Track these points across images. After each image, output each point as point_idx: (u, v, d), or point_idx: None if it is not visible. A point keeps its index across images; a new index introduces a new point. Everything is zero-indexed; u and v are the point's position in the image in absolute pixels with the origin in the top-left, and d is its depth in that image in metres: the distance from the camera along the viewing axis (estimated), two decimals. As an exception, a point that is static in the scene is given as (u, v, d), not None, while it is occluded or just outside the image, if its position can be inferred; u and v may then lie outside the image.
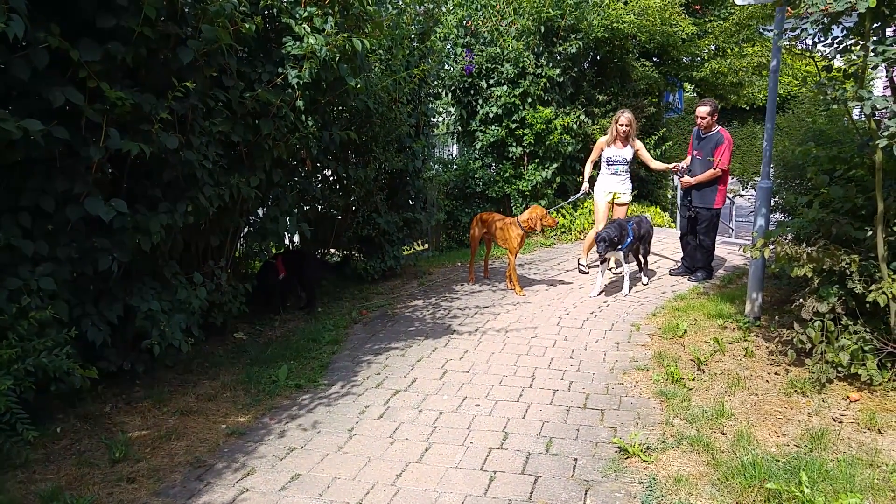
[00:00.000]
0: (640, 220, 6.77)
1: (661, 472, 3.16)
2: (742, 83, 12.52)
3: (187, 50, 3.56)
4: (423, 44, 7.00)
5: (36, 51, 2.92)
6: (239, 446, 3.48)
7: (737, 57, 11.78)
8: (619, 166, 7.08)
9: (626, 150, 7.10)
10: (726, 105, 16.31)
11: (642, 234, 6.73)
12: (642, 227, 6.73)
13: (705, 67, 11.65)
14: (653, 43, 10.81)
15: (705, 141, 6.70)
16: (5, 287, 3.14)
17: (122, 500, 2.95)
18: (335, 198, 6.38)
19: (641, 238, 6.77)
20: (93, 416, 3.73)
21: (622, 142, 7.04)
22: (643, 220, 6.85)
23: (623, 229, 6.36)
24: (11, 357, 3.00)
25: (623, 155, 7.08)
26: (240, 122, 4.32)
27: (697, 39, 11.31)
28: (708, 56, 12.04)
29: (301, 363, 4.68)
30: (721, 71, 11.58)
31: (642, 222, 6.78)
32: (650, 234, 6.99)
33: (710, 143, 6.63)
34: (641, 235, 6.72)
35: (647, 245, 7.08)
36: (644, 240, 6.88)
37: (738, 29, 11.29)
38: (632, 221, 6.62)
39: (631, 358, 4.78)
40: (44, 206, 3.31)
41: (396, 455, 3.39)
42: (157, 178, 3.90)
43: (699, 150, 6.77)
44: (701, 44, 11.47)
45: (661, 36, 10.57)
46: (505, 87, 9.19)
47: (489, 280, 7.31)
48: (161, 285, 4.06)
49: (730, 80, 11.96)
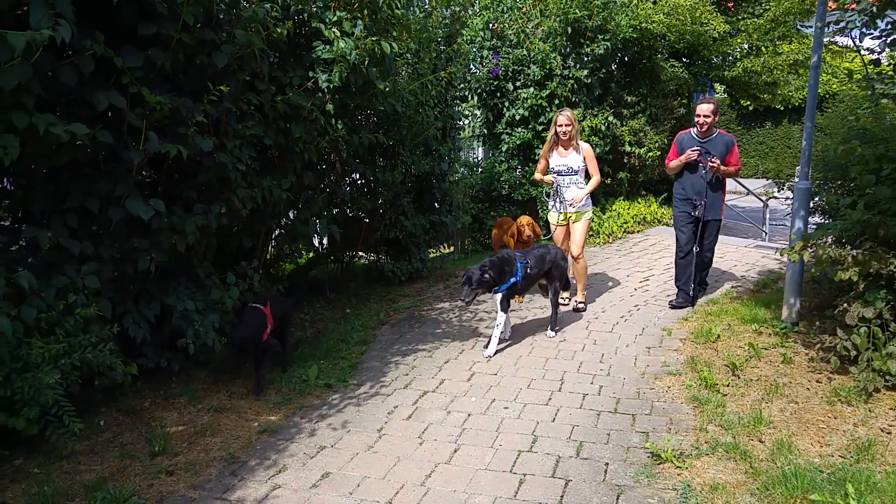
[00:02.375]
0: (545, 253, 5.37)
1: (696, 479, 3.12)
2: (777, 82, 12.18)
3: (222, 55, 3.64)
4: (449, 47, 7.05)
5: (82, 58, 3.02)
6: (271, 444, 3.54)
7: (771, 55, 11.49)
8: (566, 177, 5.90)
9: (572, 157, 5.88)
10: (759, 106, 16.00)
11: (546, 269, 5.33)
12: (547, 262, 5.33)
13: (737, 67, 11.41)
14: (683, 43, 10.65)
15: (710, 143, 5.87)
16: (53, 285, 3.27)
17: (162, 492, 3.04)
18: (363, 200, 6.45)
19: (547, 274, 5.38)
20: (133, 410, 3.84)
21: (564, 146, 5.89)
22: (550, 252, 5.41)
23: (506, 265, 4.97)
24: (59, 352, 3.14)
25: (568, 163, 5.87)
26: (272, 125, 4.40)
27: (730, 38, 11.06)
28: (740, 55, 11.78)
29: (330, 363, 4.74)
30: (754, 70, 11.31)
31: (547, 254, 5.36)
32: (561, 266, 5.46)
33: (716, 146, 5.85)
34: (547, 271, 5.35)
35: (558, 282, 5.46)
36: (552, 276, 5.41)
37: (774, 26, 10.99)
38: (528, 256, 5.21)
39: (662, 362, 4.72)
40: (89, 207, 3.44)
41: (425, 455, 3.41)
42: (192, 181, 4.01)
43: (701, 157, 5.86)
44: (733, 42, 11.22)
45: (691, 35, 10.40)
46: (532, 89, 9.16)
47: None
48: (195, 285, 4.16)
49: (763, 79, 11.66)
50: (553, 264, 5.37)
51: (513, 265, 5.00)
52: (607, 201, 10.53)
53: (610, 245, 9.62)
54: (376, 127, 5.89)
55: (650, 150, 10.24)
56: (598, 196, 10.32)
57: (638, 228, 10.55)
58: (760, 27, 11.00)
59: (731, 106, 19.58)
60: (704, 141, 5.91)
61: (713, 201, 5.95)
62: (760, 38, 11.21)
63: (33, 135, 2.86)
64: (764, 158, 20.62)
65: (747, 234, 10.38)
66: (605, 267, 8.15)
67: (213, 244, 4.30)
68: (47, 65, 2.94)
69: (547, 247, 5.53)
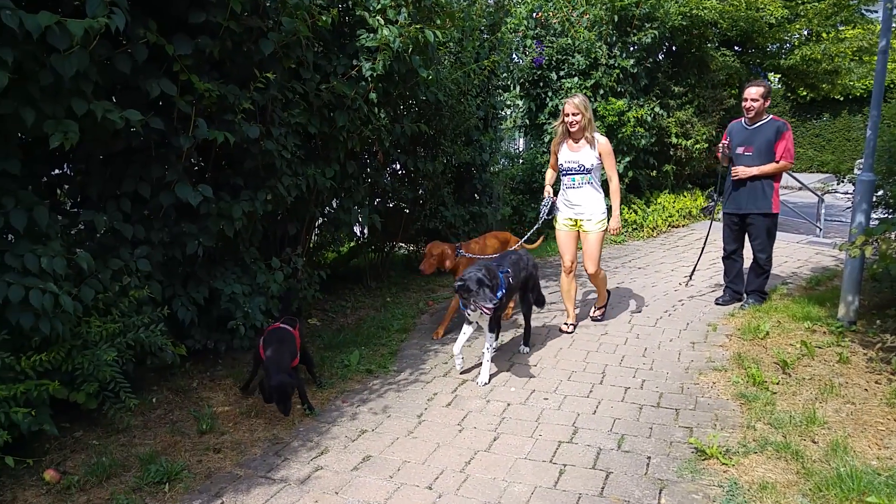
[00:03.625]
0: (519, 259, 4.58)
1: (744, 476, 3.03)
2: (838, 70, 11.62)
3: (269, 42, 3.70)
4: (493, 35, 6.99)
5: (137, 46, 3.11)
6: (313, 426, 3.60)
7: (833, 42, 10.94)
8: (574, 176, 4.96)
9: (584, 153, 4.86)
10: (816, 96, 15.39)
11: (524, 278, 4.58)
12: (521, 269, 4.54)
13: (795, 54, 10.95)
14: (735, 30, 10.30)
15: (756, 132, 5.43)
16: (109, 267, 3.39)
17: (210, 469, 3.13)
18: (403, 191, 6.47)
19: (524, 284, 4.63)
20: (182, 389, 3.97)
21: (575, 139, 4.92)
22: (522, 258, 4.65)
23: (494, 277, 4.08)
24: (115, 331, 3.27)
25: (579, 160, 4.89)
26: (316, 113, 4.45)
27: (787, 24, 10.61)
28: (798, 42, 11.31)
29: (371, 349, 4.79)
30: (814, 58, 10.81)
31: (521, 261, 4.59)
32: (535, 276, 4.75)
33: (765, 133, 5.38)
34: (523, 281, 4.59)
35: (534, 291, 4.78)
36: (528, 286, 4.69)
37: (836, 10, 10.45)
38: (505, 264, 4.37)
39: (707, 358, 4.61)
40: (141, 192, 3.55)
41: (465, 443, 3.41)
42: (238, 167, 4.09)
43: (746, 144, 5.49)
44: (791, 28, 10.75)
45: (745, 22, 10.05)
46: (576, 79, 9.03)
47: (555, 277, 7.21)
48: (242, 270, 4.26)
49: (824, 67, 11.14)
50: (528, 272, 4.61)
51: (496, 279, 4.09)
52: (652, 194, 10.32)
53: (654, 239, 9.44)
54: (418, 116, 5.90)
55: (697, 142, 9.98)
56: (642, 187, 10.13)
57: (683, 223, 10.32)
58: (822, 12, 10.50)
59: (786, 97, 18.88)
60: (752, 128, 5.49)
61: (756, 196, 5.43)
62: (821, 24, 10.71)
63: (91, 121, 2.96)
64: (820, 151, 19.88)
65: (800, 230, 10.01)
66: (649, 261, 8.00)
67: (258, 230, 4.39)
68: (104, 53, 3.04)
69: (518, 253, 4.73)
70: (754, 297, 5.74)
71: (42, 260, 2.90)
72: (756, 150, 5.42)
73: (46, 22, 2.57)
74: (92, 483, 2.96)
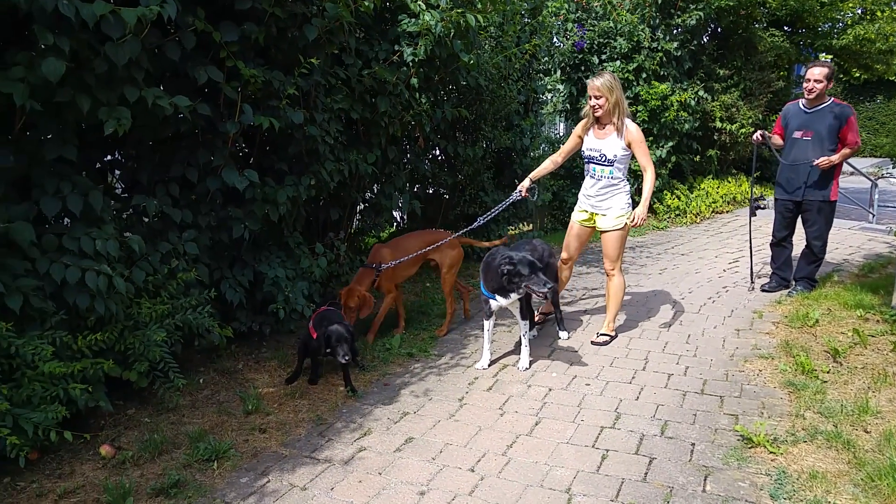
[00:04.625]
0: (533, 250, 4.40)
1: (792, 465, 2.96)
2: (893, 51, 11.12)
3: (312, 28, 3.73)
4: (534, 19, 6.91)
5: (185, 34, 3.17)
6: (356, 408, 3.65)
7: (887, 21, 10.46)
8: (595, 166, 4.41)
9: (610, 142, 4.30)
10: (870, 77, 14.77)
11: (542, 266, 4.17)
12: (537, 258, 4.18)
13: (847, 34, 10.50)
14: (785, 10, 9.94)
15: (816, 116, 5.21)
16: (158, 250, 3.49)
17: (256, 448, 3.21)
18: (443, 176, 6.47)
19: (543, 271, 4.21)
20: (228, 371, 4.07)
21: (601, 126, 4.38)
22: (538, 247, 4.49)
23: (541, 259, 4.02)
24: (164, 313, 3.37)
25: (602, 149, 4.33)
26: (358, 99, 4.48)
27: (839, 2, 10.18)
28: (851, 21, 10.84)
29: (412, 333, 4.83)
30: (867, 37, 10.36)
31: (535, 252, 4.37)
32: (553, 267, 4.55)
33: (826, 117, 5.16)
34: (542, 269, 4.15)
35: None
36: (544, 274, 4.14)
37: (891, -13, 10.06)
38: (522, 251, 4.11)
39: (753, 345, 4.51)
40: (189, 177, 3.64)
41: (506, 426, 3.42)
42: (282, 153, 4.15)
43: (805, 128, 5.25)
44: (844, 7, 10.31)
45: (795, 1, 9.69)
46: (618, 63, 8.85)
47: (597, 263, 7.14)
48: (285, 254, 4.34)
49: (877, 47, 10.67)
50: (544, 262, 4.36)
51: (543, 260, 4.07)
52: (695, 179, 10.10)
53: (697, 225, 9.26)
54: (459, 101, 5.88)
55: (743, 126, 9.69)
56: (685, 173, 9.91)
57: (727, 209, 10.08)
58: (876, -11, 10.08)
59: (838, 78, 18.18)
60: (812, 111, 5.24)
61: (818, 183, 5.24)
62: (875, 2, 10.26)
63: (142, 108, 3.04)
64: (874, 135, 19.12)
65: (852, 216, 9.67)
66: (692, 248, 7.85)
67: (302, 215, 4.45)
68: (154, 41, 3.11)
69: (532, 243, 4.50)
70: (803, 284, 5.58)
71: (97, 243, 3.01)
72: (816, 135, 5.17)
73: (101, 11, 2.64)
74: (145, 459, 3.06)
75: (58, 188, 2.97)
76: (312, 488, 2.85)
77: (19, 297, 2.76)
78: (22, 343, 2.74)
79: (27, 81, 2.60)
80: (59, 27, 2.62)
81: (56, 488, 2.82)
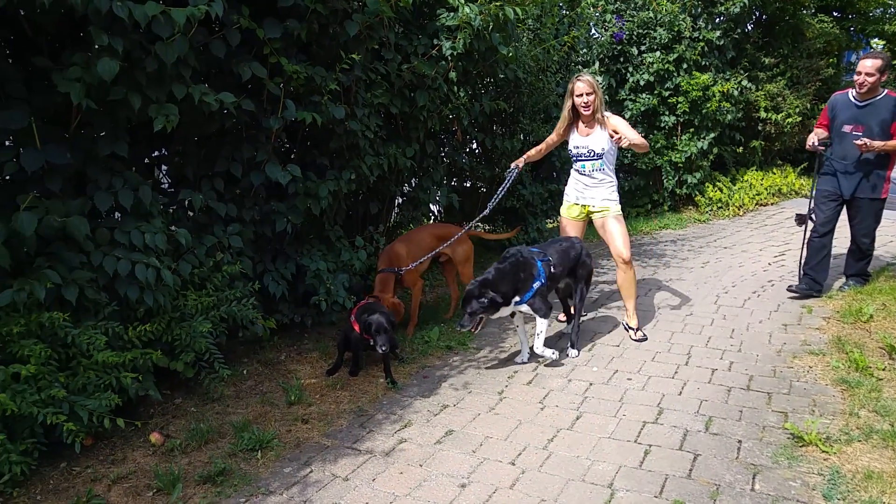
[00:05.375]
0: (569, 248, 4.30)
1: (846, 465, 2.87)
2: (951, 36, 10.67)
3: (353, 23, 3.75)
4: (572, 11, 6.82)
5: (230, 31, 3.23)
6: (396, 400, 3.68)
7: (943, 5, 10.07)
8: (586, 162, 4.49)
9: (596, 136, 4.39)
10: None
11: (571, 267, 4.30)
12: (571, 258, 4.27)
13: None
14: (834, -6, 9.63)
15: (869, 110, 4.87)
16: (204, 243, 3.57)
17: (299, 438, 3.26)
18: (481, 169, 6.45)
19: (572, 272, 4.34)
20: (271, 362, 4.14)
21: (586, 122, 4.46)
22: (573, 247, 4.34)
23: (522, 271, 3.93)
24: (209, 304, 3.45)
25: (589, 144, 4.42)
26: (397, 93, 4.49)
27: (891, -13, 9.82)
28: (905, 5, 10.44)
29: (451, 326, 4.83)
30: (922, 23, 9.99)
31: (572, 250, 4.30)
32: (588, 267, 4.42)
33: (879, 111, 4.82)
34: (571, 269, 4.31)
35: (585, 284, 4.41)
36: (579, 276, 4.36)
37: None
38: (549, 251, 4.16)
39: (802, 341, 4.38)
40: (233, 171, 3.71)
41: (547, 420, 3.40)
42: (323, 147, 4.19)
43: (855, 122, 4.93)
44: (896, -9, 9.95)
45: (845, -15, 9.40)
46: (658, 53, 8.67)
47: (638, 256, 7.03)
48: (326, 247, 4.39)
49: (933, 32, 10.27)
50: (579, 261, 4.33)
51: (531, 268, 3.97)
52: (738, 171, 9.85)
53: (740, 218, 9.03)
54: (497, 94, 5.86)
55: (789, 115, 9.40)
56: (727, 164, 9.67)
57: (772, 200, 9.81)
58: (932, -29, 9.67)
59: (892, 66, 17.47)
60: (864, 105, 4.91)
61: (870, 180, 4.95)
62: (930, -15, 9.86)
63: (189, 104, 3.10)
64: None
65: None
66: (736, 240, 7.67)
67: (342, 209, 4.50)
68: (201, 39, 3.17)
69: (570, 240, 4.41)
70: (855, 280, 5.38)
71: (146, 236, 3.10)
72: (867, 130, 4.84)
73: (153, 11, 2.70)
74: (192, 447, 3.15)
75: (110, 183, 3.06)
76: (354, 479, 2.89)
77: (75, 289, 2.85)
78: (78, 333, 2.84)
79: (83, 81, 2.69)
80: (113, 28, 2.69)
81: (109, 473, 2.92)
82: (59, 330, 2.79)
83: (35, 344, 2.72)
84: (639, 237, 8.04)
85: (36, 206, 2.71)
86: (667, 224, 8.65)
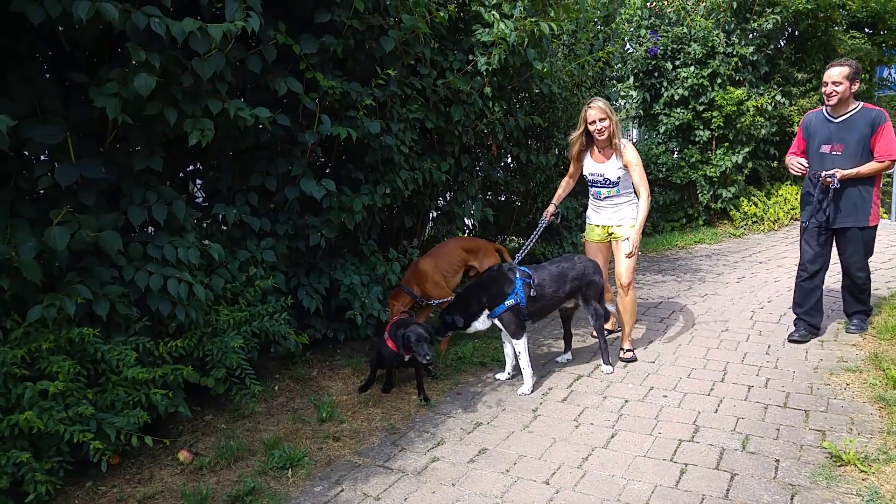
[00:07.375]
0: (569, 268, 4.11)
1: (885, 485, 2.76)
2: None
3: (389, 39, 3.78)
4: (607, 26, 6.80)
5: (267, 46, 3.27)
6: (429, 417, 3.64)
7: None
8: (601, 190, 4.39)
9: (611, 164, 4.29)
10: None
11: (570, 289, 4.10)
12: (570, 280, 4.08)
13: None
14: (865, 11, 9.45)
15: (845, 126, 4.32)
16: (237, 258, 3.57)
17: (330, 456, 3.23)
18: (515, 183, 6.43)
19: (574, 295, 4.16)
20: (303, 378, 4.13)
21: (601, 149, 4.36)
22: (574, 266, 4.13)
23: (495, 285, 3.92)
24: (242, 320, 3.42)
25: (604, 172, 4.32)
26: (433, 109, 4.51)
27: (924, 2, 9.58)
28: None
29: (484, 342, 4.78)
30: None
31: (571, 270, 4.10)
32: (598, 286, 4.19)
33: (857, 126, 4.29)
34: (570, 293, 4.12)
35: (596, 302, 4.17)
36: (589, 296, 4.15)
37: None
38: (540, 273, 4.02)
39: (839, 357, 4.25)
40: (268, 186, 3.73)
41: (581, 439, 3.33)
42: (358, 162, 4.21)
43: (833, 141, 4.37)
44: (928, 7, 9.69)
45: (876, 2, 9.22)
46: (692, 68, 8.60)
47: (673, 271, 6.91)
48: (360, 261, 4.39)
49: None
50: (583, 281, 4.12)
51: (507, 285, 3.90)
52: (773, 186, 9.68)
53: (775, 233, 8.85)
54: (531, 109, 5.86)
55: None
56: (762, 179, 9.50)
57: (809, 216, 9.55)
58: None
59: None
60: (839, 120, 4.35)
61: (852, 206, 4.37)
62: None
63: (224, 119, 3.11)
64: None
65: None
66: (770, 255, 7.51)
67: (377, 223, 4.51)
68: (237, 54, 3.21)
69: (571, 260, 4.19)
70: (859, 318, 4.76)
71: (179, 251, 3.09)
72: (847, 148, 4.31)
73: (190, 27, 2.73)
74: (221, 465, 3.10)
75: (144, 198, 3.05)
76: (386, 498, 2.84)
77: (106, 304, 2.83)
78: (108, 349, 2.79)
79: (120, 96, 2.69)
80: (150, 44, 2.70)
81: (136, 493, 2.87)
82: (88, 346, 2.76)
83: (64, 360, 2.68)
84: (673, 252, 7.90)
85: (69, 220, 2.70)
86: (702, 238, 8.51)
